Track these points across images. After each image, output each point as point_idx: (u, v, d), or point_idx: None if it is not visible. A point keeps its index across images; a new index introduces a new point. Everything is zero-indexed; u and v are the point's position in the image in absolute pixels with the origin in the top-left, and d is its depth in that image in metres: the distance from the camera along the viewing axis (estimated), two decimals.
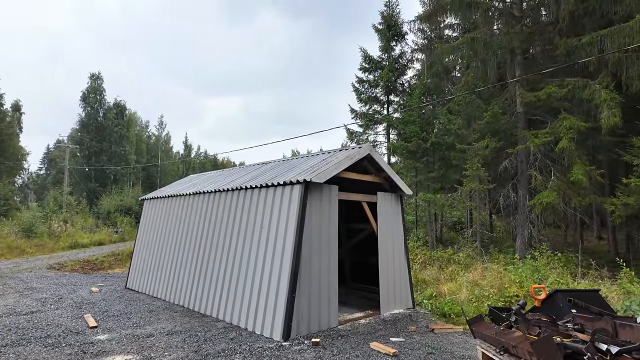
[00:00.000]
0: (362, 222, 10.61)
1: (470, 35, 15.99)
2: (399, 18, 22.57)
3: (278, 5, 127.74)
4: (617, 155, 14.20)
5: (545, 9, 16.29)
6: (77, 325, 7.22)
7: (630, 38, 12.06)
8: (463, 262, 13.15)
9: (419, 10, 27.54)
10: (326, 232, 7.40)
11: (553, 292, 5.07)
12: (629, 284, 9.16)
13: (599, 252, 18.18)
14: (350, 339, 6.58)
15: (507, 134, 16.01)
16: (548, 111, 15.20)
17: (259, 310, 6.91)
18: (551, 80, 14.40)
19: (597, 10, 13.87)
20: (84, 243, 22.79)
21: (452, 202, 16.95)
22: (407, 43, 23.66)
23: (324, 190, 7.44)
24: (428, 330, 7.34)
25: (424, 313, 8.81)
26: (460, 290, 9.87)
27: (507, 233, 20.41)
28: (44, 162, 61.94)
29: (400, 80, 22.99)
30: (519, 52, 15.68)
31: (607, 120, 12.38)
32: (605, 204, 13.29)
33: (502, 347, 3.97)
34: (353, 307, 9.09)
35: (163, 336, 6.61)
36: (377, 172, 8.86)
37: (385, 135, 22.86)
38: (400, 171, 18.89)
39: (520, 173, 15.54)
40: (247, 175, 9.57)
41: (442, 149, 17.68)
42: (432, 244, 17.50)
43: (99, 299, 9.74)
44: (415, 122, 17.75)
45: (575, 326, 3.91)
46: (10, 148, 34.81)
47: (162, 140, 63.05)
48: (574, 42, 13.54)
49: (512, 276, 10.03)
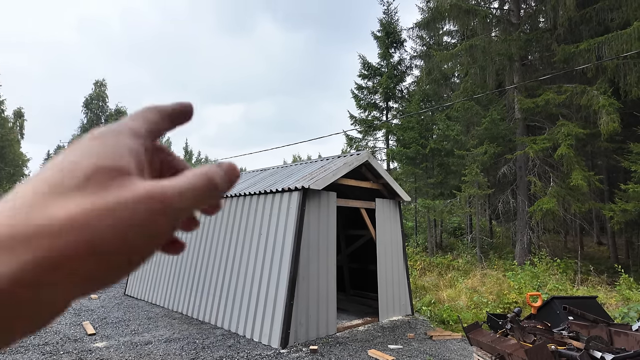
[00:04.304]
0: (360, 228, 10.64)
1: (468, 42, 16.11)
2: (397, 25, 22.75)
3: (278, 15, 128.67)
4: (616, 161, 14.24)
5: (542, 16, 16.41)
6: (75, 333, 7.22)
7: (627, 45, 12.15)
8: (462, 268, 13.14)
9: (417, 18, 27.75)
10: (324, 239, 7.42)
11: (550, 299, 5.09)
12: (628, 291, 9.16)
13: (599, 258, 18.15)
14: (349, 347, 6.57)
15: (506, 140, 16.06)
16: (546, 117, 15.26)
17: (257, 317, 6.91)
18: (549, 87, 14.48)
19: (594, 17, 13.98)
20: None
21: (452, 209, 16.96)
22: (405, 50, 23.86)
23: (323, 197, 7.47)
24: (426, 337, 7.33)
25: (423, 320, 8.80)
26: (459, 297, 9.86)
27: (506, 239, 20.38)
28: None
29: (399, 87, 23.10)
30: (517, 59, 15.77)
31: (606, 126, 12.43)
32: (604, 210, 13.30)
33: (498, 354, 3.98)
34: (351, 314, 9.08)
35: (161, 343, 6.61)
36: (376, 179, 8.90)
37: (385, 141, 22.93)
38: (400, 177, 18.93)
39: (519, 179, 15.57)
40: (246, 182, 9.62)
41: (441, 155, 17.73)
42: (431, 250, 17.49)
43: (98, 306, 9.74)
44: (414, 128, 17.82)
45: (571, 334, 3.92)
46: (11, 154, 34.92)
47: None
48: (571, 49, 13.63)
49: (511, 282, 10.03)
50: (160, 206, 0.23)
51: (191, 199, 0.24)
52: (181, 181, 0.25)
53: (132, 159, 0.26)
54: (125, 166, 0.24)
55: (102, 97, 46.71)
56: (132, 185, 0.23)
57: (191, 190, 0.25)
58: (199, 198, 0.25)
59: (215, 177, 0.27)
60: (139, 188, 0.23)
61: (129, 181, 0.23)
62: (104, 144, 0.25)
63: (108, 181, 0.23)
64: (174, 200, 0.23)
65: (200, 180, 0.26)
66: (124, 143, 0.26)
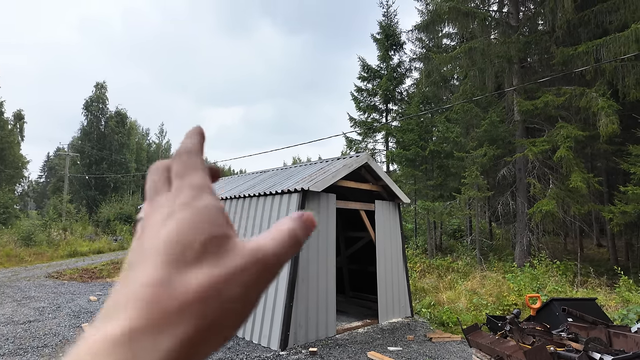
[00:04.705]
0: (360, 230, 10.63)
1: (467, 45, 16.15)
2: (397, 28, 22.80)
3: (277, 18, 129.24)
4: (615, 164, 14.26)
5: (541, 19, 16.46)
6: (74, 335, 7.21)
7: (625, 47, 12.19)
8: (462, 270, 13.14)
9: (417, 20, 27.85)
10: (324, 241, 7.43)
11: (549, 301, 5.09)
12: (628, 292, 9.16)
13: (598, 260, 18.15)
14: (348, 349, 6.56)
15: (505, 142, 16.09)
16: (546, 119, 15.29)
17: (257, 319, 6.90)
18: (548, 89, 14.51)
19: (593, 20, 14.02)
20: (83, 251, 22.74)
21: (451, 211, 16.96)
22: (405, 52, 23.87)
23: (322, 199, 7.48)
24: (426, 339, 7.32)
25: (423, 322, 8.79)
26: (459, 299, 9.86)
27: (506, 241, 20.39)
28: (44, 170, 62.08)
29: (398, 89, 23.14)
30: (516, 61, 15.82)
31: (606, 128, 12.46)
32: (603, 211, 13.31)
33: (497, 356, 3.98)
34: (351, 316, 9.07)
35: None
36: (375, 181, 8.91)
37: (384, 143, 22.96)
38: (399, 179, 18.94)
39: (519, 181, 15.59)
40: (246, 183, 9.62)
41: (441, 157, 17.75)
42: (431, 252, 17.48)
43: (97, 308, 9.72)
44: (414, 130, 17.84)
45: (570, 335, 3.92)
46: (11, 156, 34.92)
47: (163, 148, 63.25)
48: (570, 51, 13.67)
49: (511, 284, 10.03)
50: (265, 268, 0.27)
51: (283, 257, 0.28)
52: (274, 243, 0.28)
53: (227, 221, 0.29)
54: (228, 232, 0.28)
55: (103, 99, 46.71)
56: (239, 250, 0.27)
57: (283, 251, 0.28)
58: (289, 255, 0.29)
59: (299, 234, 0.30)
60: (245, 253, 0.27)
61: (235, 245, 0.27)
62: (203, 212, 0.27)
63: (221, 249, 0.26)
64: (274, 263, 0.28)
65: (289, 240, 0.29)
66: (216, 206, 0.29)
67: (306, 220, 0.31)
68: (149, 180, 0.32)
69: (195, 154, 0.32)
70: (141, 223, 0.29)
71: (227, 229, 0.28)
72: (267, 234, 0.29)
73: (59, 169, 47.57)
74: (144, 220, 0.29)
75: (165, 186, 0.31)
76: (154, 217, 0.28)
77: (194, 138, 0.33)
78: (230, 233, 0.28)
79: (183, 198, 0.28)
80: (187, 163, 0.31)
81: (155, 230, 0.27)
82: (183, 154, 0.32)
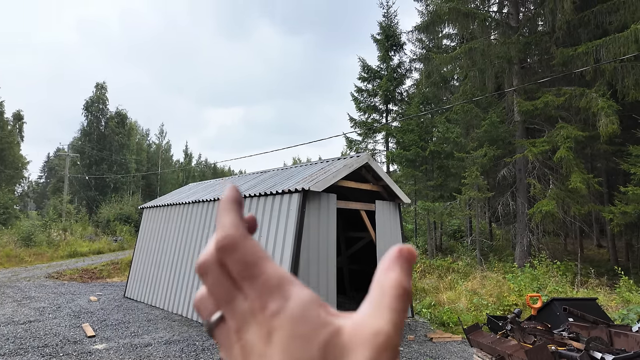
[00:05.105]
0: (360, 230, 10.64)
1: (467, 45, 16.16)
2: (397, 28, 22.82)
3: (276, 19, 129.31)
4: (615, 164, 14.26)
5: (541, 20, 16.48)
6: (75, 335, 7.21)
7: (625, 48, 12.20)
8: (462, 270, 13.14)
9: (417, 21, 27.88)
10: (324, 241, 7.43)
11: (550, 300, 5.09)
12: (628, 293, 9.16)
13: (598, 260, 18.15)
14: None
15: (505, 143, 16.10)
16: (546, 120, 15.29)
17: None
18: (548, 89, 14.52)
19: (592, 20, 14.04)
20: (83, 252, 22.74)
21: (451, 211, 16.96)
22: (405, 53, 23.91)
23: (323, 199, 7.48)
24: (427, 339, 7.32)
25: (423, 322, 8.79)
26: (459, 299, 9.86)
27: (506, 241, 20.39)
28: (44, 171, 62.07)
29: (398, 90, 23.16)
30: (516, 62, 15.83)
31: (605, 128, 12.46)
32: (603, 212, 13.32)
33: (498, 355, 3.98)
34: None
35: (161, 345, 6.60)
36: (376, 181, 8.91)
37: (384, 143, 22.97)
38: (399, 179, 18.94)
39: (519, 181, 15.59)
40: (246, 184, 9.63)
41: (441, 158, 17.76)
42: (431, 253, 17.48)
43: (97, 308, 9.72)
44: (414, 130, 17.85)
45: (571, 335, 3.92)
46: (11, 157, 34.91)
47: (163, 149, 63.20)
48: (570, 52, 13.69)
49: (511, 285, 10.03)
50: (393, 355, 0.23)
51: (402, 323, 0.25)
52: (390, 316, 0.24)
53: (324, 307, 0.25)
54: (334, 324, 0.24)
55: (103, 100, 46.72)
56: (358, 342, 0.23)
57: (401, 319, 0.25)
58: (405, 317, 0.26)
59: (408, 285, 0.26)
60: (366, 344, 0.23)
61: (350, 337, 0.24)
62: (301, 319, 0.24)
63: (337, 350, 0.23)
64: (397, 342, 0.24)
65: (403, 303, 0.25)
66: (308, 299, 0.25)
67: (409, 258, 0.27)
68: (207, 283, 0.26)
69: (247, 238, 0.26)
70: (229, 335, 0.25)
71: (331, 319, 0.24)
72: (373, 301, 0.25)
73: (59, 169, 47.55)
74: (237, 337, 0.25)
75: (232, 288, 0.25)
76: (250, 336, 0.24)
77: (233, 213, 0.26)
78: (336, 323, 0.24)
79: (272, 307, 0.24)
80: (246, 256, 0.25)
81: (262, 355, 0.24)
82: (234, 243, 0.25)
